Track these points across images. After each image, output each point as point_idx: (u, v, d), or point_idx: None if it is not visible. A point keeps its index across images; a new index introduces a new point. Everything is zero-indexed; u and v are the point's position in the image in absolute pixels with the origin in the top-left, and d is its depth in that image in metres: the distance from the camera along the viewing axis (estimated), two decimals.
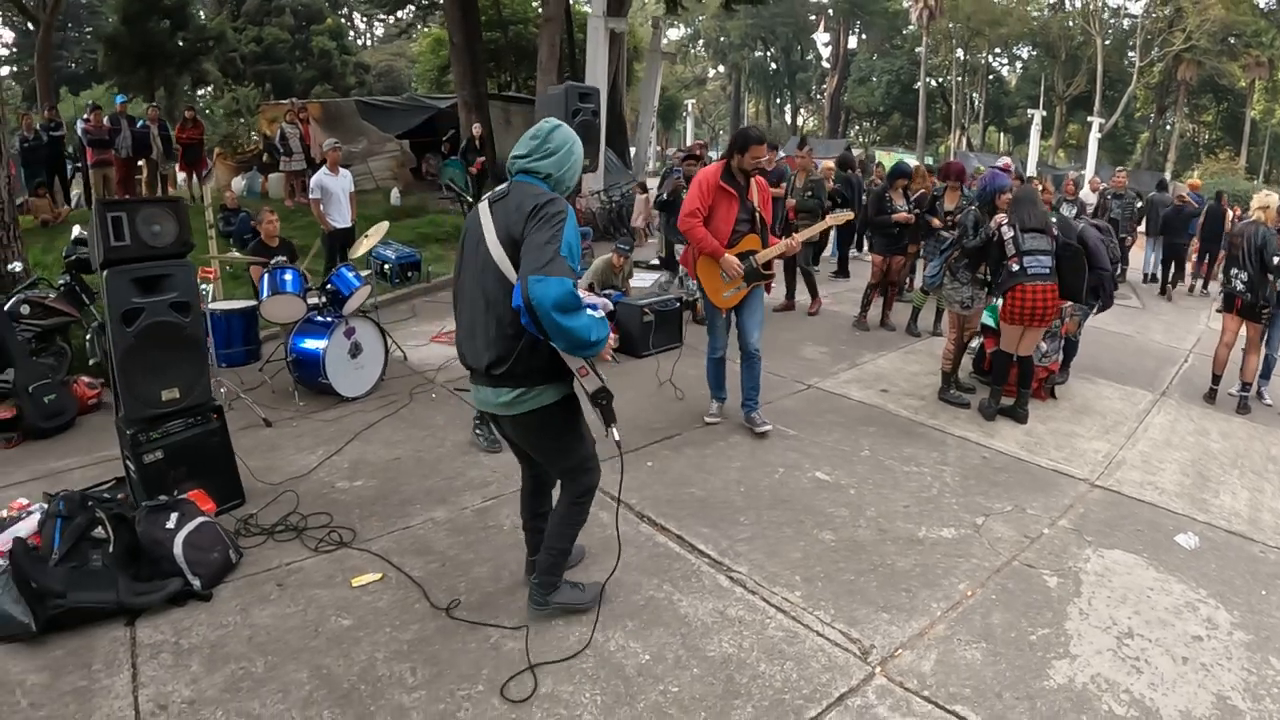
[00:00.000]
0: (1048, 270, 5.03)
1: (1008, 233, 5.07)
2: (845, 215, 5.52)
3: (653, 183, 16.00)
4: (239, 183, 13.65)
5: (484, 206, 2.67)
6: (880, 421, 5.26)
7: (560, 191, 2.68)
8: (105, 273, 3.51)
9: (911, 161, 10.21)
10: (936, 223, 6.99)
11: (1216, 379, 6.11)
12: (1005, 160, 9.81)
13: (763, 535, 3.66)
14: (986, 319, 5.92)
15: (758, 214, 4.74)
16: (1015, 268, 5.04)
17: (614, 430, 2.61)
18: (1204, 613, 3.19)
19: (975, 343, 6.22)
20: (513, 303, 2.45)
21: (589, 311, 2.46)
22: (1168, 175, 30.38)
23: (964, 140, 42.36)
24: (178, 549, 3.15)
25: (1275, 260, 5.53)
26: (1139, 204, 11.83)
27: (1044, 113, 32.96)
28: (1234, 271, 5.87)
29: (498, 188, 2.72)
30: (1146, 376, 6.72)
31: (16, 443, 4.79)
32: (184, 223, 3.75)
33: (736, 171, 4.60)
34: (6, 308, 5.13)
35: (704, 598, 3.12)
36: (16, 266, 5.52)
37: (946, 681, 2.69)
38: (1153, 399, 6.07)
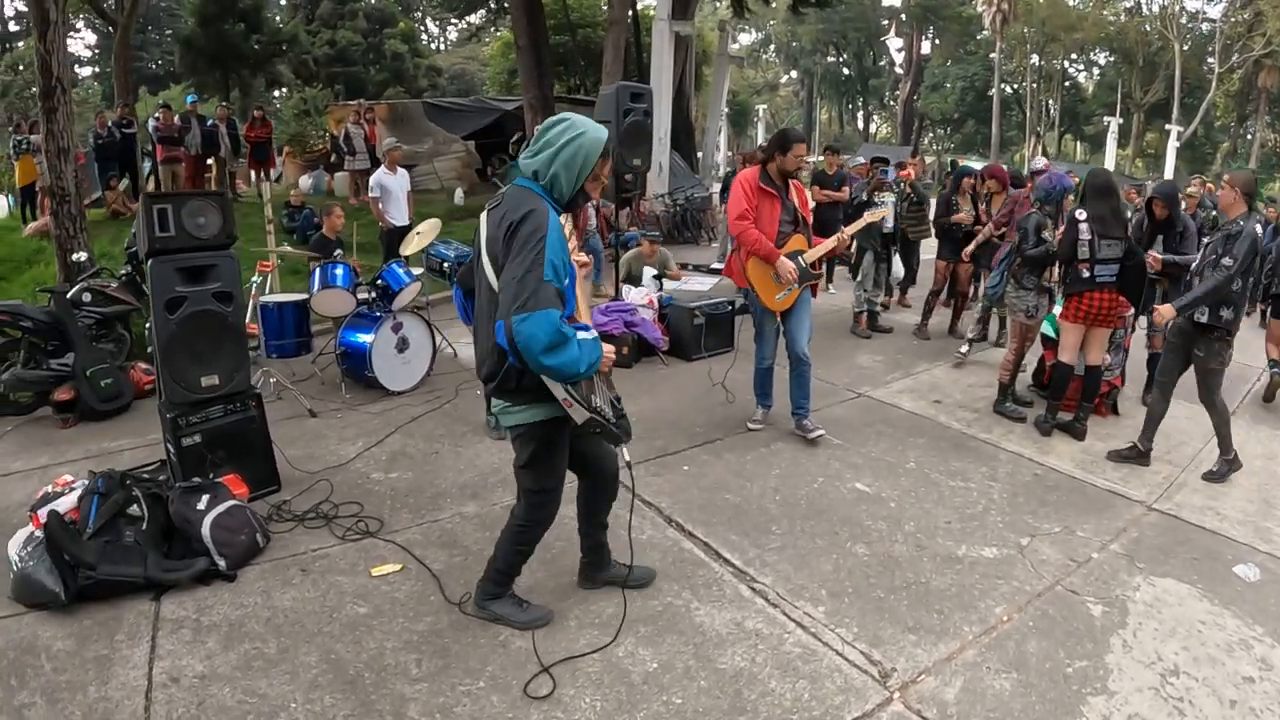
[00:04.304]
0: (1114, 278, 4.80)
1: (1085, 235, 4.79)
2: (883, 211, 5.37)
3: (715, 188, 15.95)
4: (305, 181, 14.08)
5: (483, 214, 2.58)
6: (930, 433, 5.06)
7: (557, 195, 2.48)
8: (150, 262, 3.64)
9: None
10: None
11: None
12: (1043, 161, 9.35)
13: (793, 546, 3.54)
14: (1046, 329, 5.65)
15: (799, 214, 4.65)
16: (1085, 274, 4.79)
17: (624, 450, 2.51)
18: (1258, 652, 2.93)
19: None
20: (496, 340, 2.39)
21: (580, 335, 2.33)
22: None
23: (1039, 148, 40.91)
24: (206, 529, 3.25)
25: None
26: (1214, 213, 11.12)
27: (1121, 120, 31.56)
28: None
29: (500, 191, 2.62)
30: None
31: (73, 423, 5.01)
32: (228, 215, 3.86)
33: (775, 174, 4.52)
34: (69, 295, 5.37)
35: (723, 608, 3.03)
36: (81, 256, 5.77)
37: (969, 712, 2.52)
38: None
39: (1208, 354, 4.45)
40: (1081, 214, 4.83)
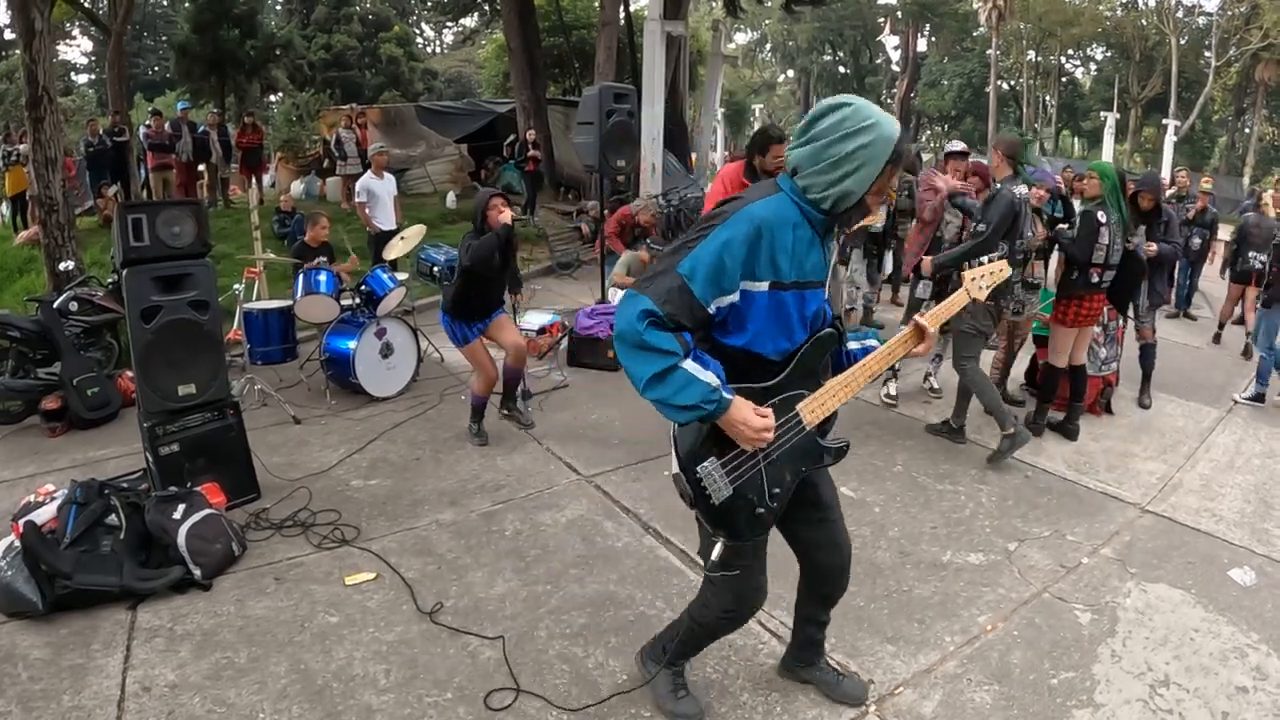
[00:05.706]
0: (1110, 283, 4.74)
1: (1104, 239, 4.68)
2: (878, 216, 5.33)
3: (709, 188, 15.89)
4: (297, 186, 14.03)
5: None
6: (919, 435, 5.00)
7: (814, 202, 1.87)
8: (125, 271, 3.61)
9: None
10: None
11: (1222, 326, 7.98)
12: (959, 144, 8.73)
13: (773, 554, 3.46)
14: (1038, 328, 5.59)
15: None
16: (1095, 279, 4.69)
17: (718, 546, 2.02)
18: (1253, 660, 2.84)
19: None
20: None
21: (689, 365, 1.76)
22: (1245, 181, 28.45)
23: (1037, 145, 40.78)
24: (181, 538, 3.22)
25: None
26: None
27: (1118, 116, 31.36)
28: (1251, 254, 7.50)
29: None
30: (1213, 392, 6.21)
31: (61, 431, 4.97)
32: (204, 224, 3.83)
33: (760, 171, 4.47)
34: (56, 304, 5.34)
35: None
36: (69, 265, 5.74)
37: None
38: (1218, 416, 5.59)
39: (958, 317, 4.37)
40: (1103, 216, 4.60)
